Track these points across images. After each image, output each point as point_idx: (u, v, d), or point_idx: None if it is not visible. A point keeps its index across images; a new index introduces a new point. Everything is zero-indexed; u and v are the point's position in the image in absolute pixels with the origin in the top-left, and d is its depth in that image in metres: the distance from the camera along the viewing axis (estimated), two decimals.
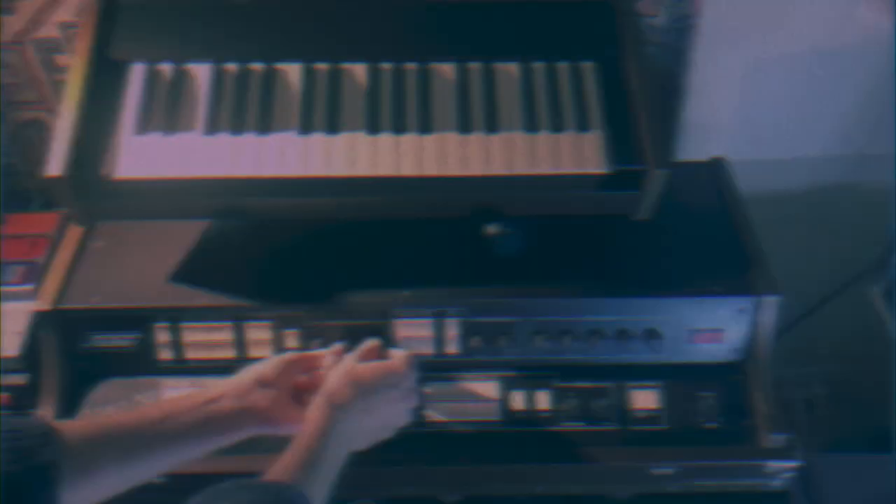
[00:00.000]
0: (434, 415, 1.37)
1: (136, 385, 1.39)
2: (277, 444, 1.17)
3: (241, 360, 1.33)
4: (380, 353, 1.33)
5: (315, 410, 1.16)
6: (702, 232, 1.47)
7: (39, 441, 0.95)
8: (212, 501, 0.96)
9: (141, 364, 1.39)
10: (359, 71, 1.33)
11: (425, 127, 1.28)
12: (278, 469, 1.06)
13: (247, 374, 1.23)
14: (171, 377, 1.40)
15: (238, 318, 1.38)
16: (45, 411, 1.33)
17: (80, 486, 0.98)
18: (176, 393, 1.36)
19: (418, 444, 1.32)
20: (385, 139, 1.28)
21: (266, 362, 1.25)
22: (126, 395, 1.37)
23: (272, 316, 1.38)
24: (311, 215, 1.28)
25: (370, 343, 1.34)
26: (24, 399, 1.35)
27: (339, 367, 1.25)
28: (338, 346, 1.33)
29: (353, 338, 1.35)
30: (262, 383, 1.22)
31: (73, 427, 1.02)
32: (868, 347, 1.85)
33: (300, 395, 1.26)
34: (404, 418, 1.27)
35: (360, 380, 1.21)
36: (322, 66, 1.32)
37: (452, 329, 1.38)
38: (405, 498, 1.36)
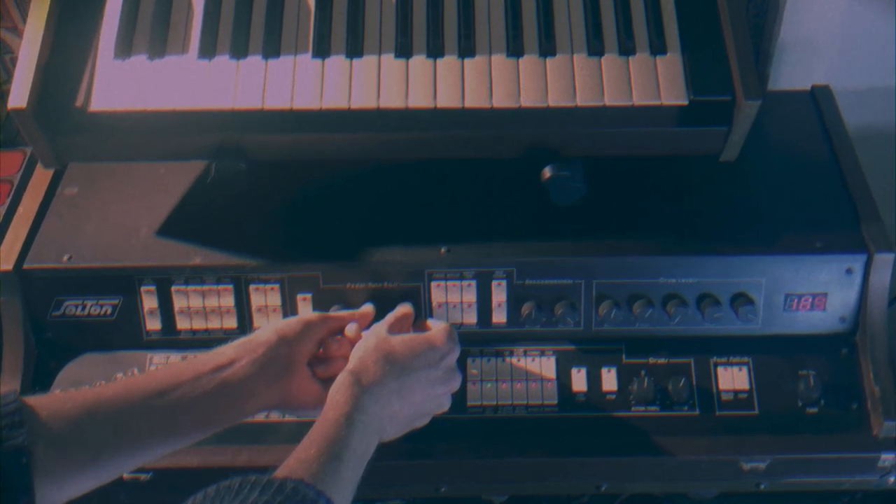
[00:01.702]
0: (478, 399, 1.35)
1: (117, 361, 1.37)
2: (291, 432, 1.23)
3: (243, 334, 1.28)
4: (413, 325, 1.31)
5: (340, 390, 1.14)
6: (800, 176, 1.45)
7: (9, 421, 0.96)
8: (215, 502, 0.94)
9: (123, 336, 1.38)
10: None
11: (467, 49, 1.27)
12: (294, 462, 1.03)
13: (263, 334, 1.20)
14: (160, 351, 1.39)
15: (240, 280, 1.36)
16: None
17: (60, 474, 0.99)
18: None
19: (460, 434, 1.31)
20: (418, 63, 1.27)
21: (287, 320, 1.23)
22: (105, 373, 1.35)
23: (281, 277, 1.35)
24: (328, 156, 1.27)
25: (402, 309, 1.31)
26: None
27: (367, 338, 1.22)
28: (367, 307, 1.31)
29: (380, 304, 1.33)
30: (282, 345, 1.19)
31: (49, 404, 1.02)
32: None
33: (318, 368, 1.24)
34: (443, 403, 1.25)
35: (393, 355, 1.19)
36: None
37: (500, 294, 1.36)
38: (443, 498, 1.35)
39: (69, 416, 1.02)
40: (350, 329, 1.27)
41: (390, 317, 1.29)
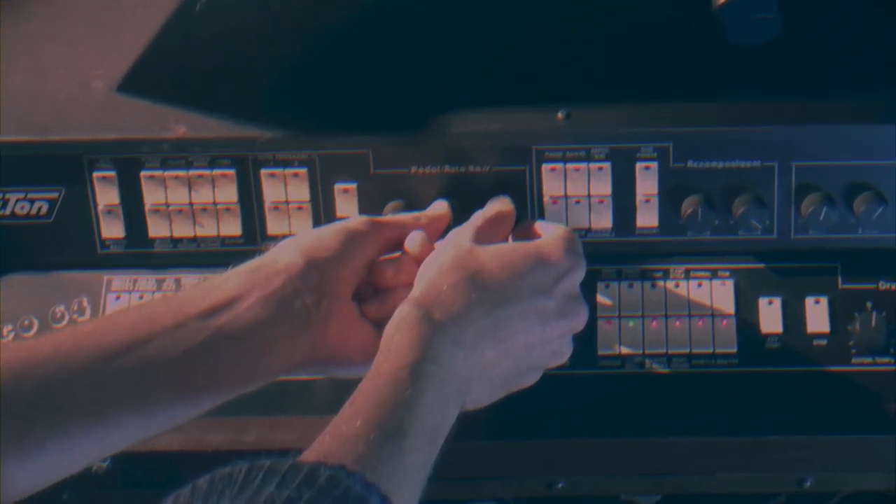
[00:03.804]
0: (615, 345, 1.28)
1: (55, 287, 1.32)
2: (326, 396, 1.21)
3: (251, 243, 1.29)
4: (514, 230, 1.23)
5: (400, 331, 1.07)
6: None
7: None
8: (211, 498, 0.86)
9: (65, 248, 1.33)
10: None
11: None
12: (331, 440, 0.96)
13: (284, 253, 1.15)
14: (122, 272, 1.33)
15: (246, 162, 1.30)
16: None
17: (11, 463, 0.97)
18: (144, 297, 1.33)
19: (586, 400, 1.25)
20: None
21: (319, 230, 1.18)
22: (38, 306, 1.31)
23: (310, 158, 1.29)
24: None
25: (497, 206, 1.23)
26: None
27: (442, 251, 1.15)
28: (440, 206, 1.25)
29: (462, 201, 1.26)
30: (313, 271, 1.13)
31: None
32: None
33: (368, 305, 1.18)
34: (560, 351, 1.17)
35: (483, 277, 1.12)
36: None
37: (649, 183, 1.28)
38: (560, 498, 1.30)
39: (12, 384, 1.00)
40: (415, 240, 1.19)
41: (478, 218, 1.19)
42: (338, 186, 1.30)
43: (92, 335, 1.06)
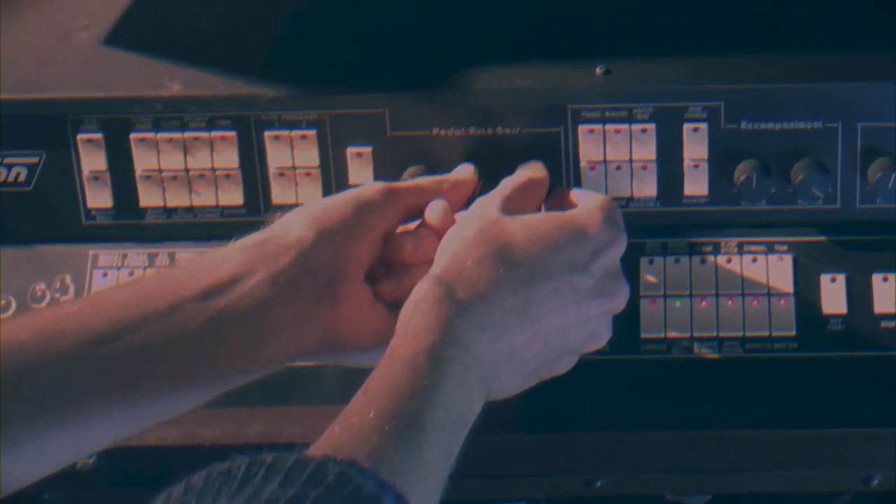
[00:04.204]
0: (660, 327, 1.26)
1: (35, 263, 1.31)
2: (336, 384, 1.22)
3: (254, 214, 1.28)
4: (547, 199, 1.21)
5: (419, 311, 1.05)
6: None
7: None
8: (207, 497, 0.83)
9: (46, 219, 1.31)
10: None
11: None
12: (341, 432, 0.94)
13: (291, 226, 1.13)
14: (110, 246, 1.31)
15: (248, 123, 1.29)
16: None
17: None
18: (134, 274, 1.32)
19: (628, 388, 1.23)
20: None
21: (331, 199, 1.16)
22: (15, 283, 1.30)
23: (320, 118, 1.28)
24: None
25: (527, 172, 1.21)
26: None
27: (466, 222, 1.12)
28: (464, 170, 1.23)
29: (489, 165, 1.23)
30: (324, 246, 1.12)
31: None
32: None
33: (384, 284, 1.16)
34: (598, 333, 1.15)
35: (512, 251, 1.10)
36: None
37: (697, 146, 1.25)
38: (598, 498, 1.27)
39: None
40: (436, 210, 1.17)
41: (507, 185, 1.18)
42: (350, 150, 1.27)
43: (76, 317, 1.03)
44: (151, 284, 1.07)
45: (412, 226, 1.17)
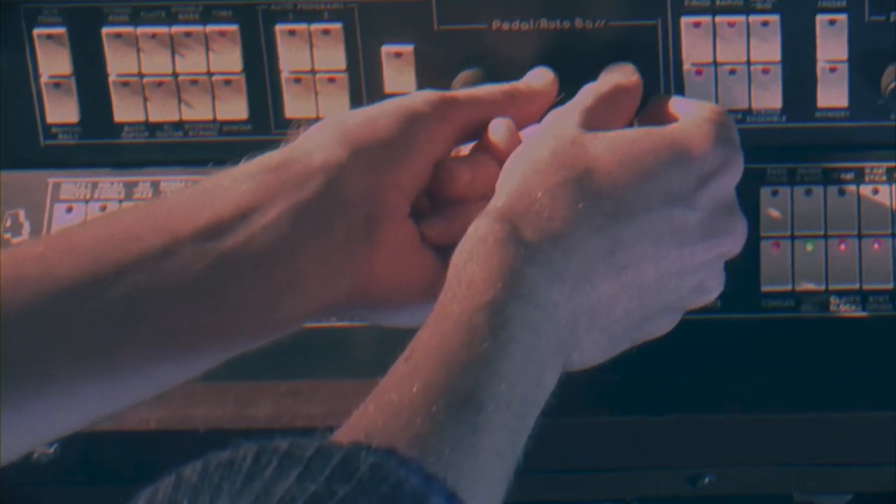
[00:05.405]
0: (786, 278, 1.14)
1: None
2: (370, 350, 1.13)
3: (261, 132, 1.17)
4: (639, 112, 1.11)
5: (475, 255, 0.92)
6: None
7: None
8: (203, 494, 0.66)
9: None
10: None
11: None
12: (376, 412, 0.79)
13: (324, 141, 1.00)
14: (76, 172, 1.21)
15: (255, 14, 1.18)
16: None
17: None
18: (107, 208, 1.22)
19: (746, 355, 1.11)
20: None
21: (369, 109, 1.03)
22: None
23: (348, 7, 1.18)
24: None
25: (616, 76, 1.10)
26: None
27: (535, 139, 1.02)
28: (540, 74, 1.11)
29: (568, 71, 1.11)
30: (358, 171, 0.99)
31: None
32: None
33: (432, 222, 1.04)
34: (707, 284, 1.04)
35: (595, 178, 0.99)
36: None
37: (833, 45, 1.14)
38: (707, 497, 1.16)
39: None
40: (500, 127, 1.05)
41: (588, 95, 1.05)
42: (386, 49, 1.16)
43: (38, 264, 0.90)
44: (134, 221, 0.94)
45: (467, 148, 1.04)
